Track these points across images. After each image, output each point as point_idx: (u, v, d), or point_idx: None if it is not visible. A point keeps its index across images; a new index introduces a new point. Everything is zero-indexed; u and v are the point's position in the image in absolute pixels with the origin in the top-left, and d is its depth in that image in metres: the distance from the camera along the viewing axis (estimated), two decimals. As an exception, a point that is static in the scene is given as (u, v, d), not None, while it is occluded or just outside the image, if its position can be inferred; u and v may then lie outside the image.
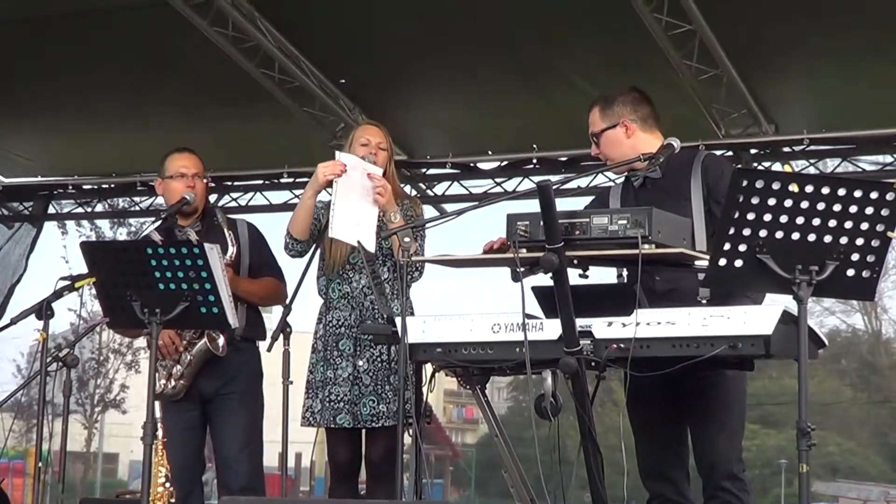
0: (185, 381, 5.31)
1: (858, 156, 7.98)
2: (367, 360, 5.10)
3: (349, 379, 5.09)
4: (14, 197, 9.91)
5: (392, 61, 7.69)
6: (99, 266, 4.67)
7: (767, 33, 6.91)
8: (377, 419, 5.05)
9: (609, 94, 4.65)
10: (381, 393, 5.07)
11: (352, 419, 5.08)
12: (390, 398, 5.03)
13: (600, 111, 4.60)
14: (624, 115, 4.55)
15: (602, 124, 4.58)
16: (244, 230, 5.53)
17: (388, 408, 5.04)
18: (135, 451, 28.73)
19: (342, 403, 5.09)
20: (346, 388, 5.09)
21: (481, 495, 36.37)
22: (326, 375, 5.13)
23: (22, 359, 28.91)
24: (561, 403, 4.03)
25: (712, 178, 4.39)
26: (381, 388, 5.08)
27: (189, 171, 5.48)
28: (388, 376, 5.06)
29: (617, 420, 4.58)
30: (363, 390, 5.08)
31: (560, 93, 7.62)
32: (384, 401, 5.06)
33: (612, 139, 4.56)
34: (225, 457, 5.35)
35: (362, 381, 5.09)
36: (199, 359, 5.27)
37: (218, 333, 5.17)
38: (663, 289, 4.28)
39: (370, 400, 5.07)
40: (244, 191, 9.29)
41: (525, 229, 3.97)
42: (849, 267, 3.65)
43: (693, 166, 4.44)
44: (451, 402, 47.40)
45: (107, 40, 7.67)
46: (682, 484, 4.43)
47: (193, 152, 5.62)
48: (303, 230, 5.19)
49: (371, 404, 5.07)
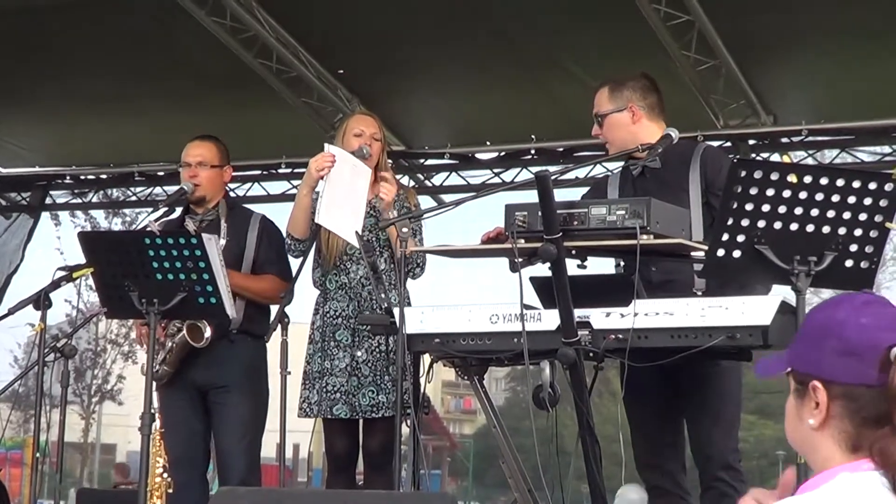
0: (169, 368, 5.27)
1: (857, 146, 7.97)
2: (366, 350, 5.08)
3: (346, 370, 5.08)
4: (12, 187, 9.91)
5: (390, 52, 7.68)
6: (97, 256, 4.66)
7: (766, 24, 6.90)
8: (377, 410, 5.05)
9: (620, 77, 4.61)
10: (381, 384, 5.06)
11: (349, 410, 5.07)
12: (389, 389, 5.02)
13: (609, 93, 4.55)
14: (633, 100, 4.52)
15: (609, 106, 4.53)
16: (255, 224, 5.46)
17: (387, 398, 5.03)
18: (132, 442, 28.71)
19: (339, 394, 5.08)
20: (343, 378, 5.08)
21: (479, 486, 36.37)
22: (324, 366, 5.12)
23: (19, 349, 28.86)
24: (559, 394, 4.03)
25: (711, 171, 4.38)
26: (380, 379, 5.06)
27: (193, 161, 5.47)
28: (387, 367, 5.04)
29: (614, 410, 4.59)
30: (362, 381, 5.06)
31: (558, 83, 7.61)
32: (383, 391, 5.05)
33: (617, 122, 4.52)
34: (221, 450, 5.33)
35: (361, 372, 5.07)
36: (181, 347, 5.22)
37: (204, 325, 5.09)
38: (660, 279, 4.28)
39: (370, 390, 5.06)
40: (242, 181, 9.27)
41: (523, 219, 3.97)
42: (847, 257, 3.64)
43: (692, 158, 4.43)
44: (449, 392, 47.41)
45: (105, 31, 7.66)
46: (679, 475, 4.43)
47: (209, 139, 5.62)
48: (303, 230, 5.15)
49: (371, 395, 5.06)
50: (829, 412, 1.87)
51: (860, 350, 1.84)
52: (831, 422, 1.88)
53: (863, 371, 1.84)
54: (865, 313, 1.87)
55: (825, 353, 1.88)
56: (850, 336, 1.85)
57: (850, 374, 1.85)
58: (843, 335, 1.86)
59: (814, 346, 1.90)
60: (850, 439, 1.86)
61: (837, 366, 1.86)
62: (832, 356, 1.87)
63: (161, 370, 5.25)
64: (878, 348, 1.83)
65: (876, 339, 1.84)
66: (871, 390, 1.82)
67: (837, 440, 1.87)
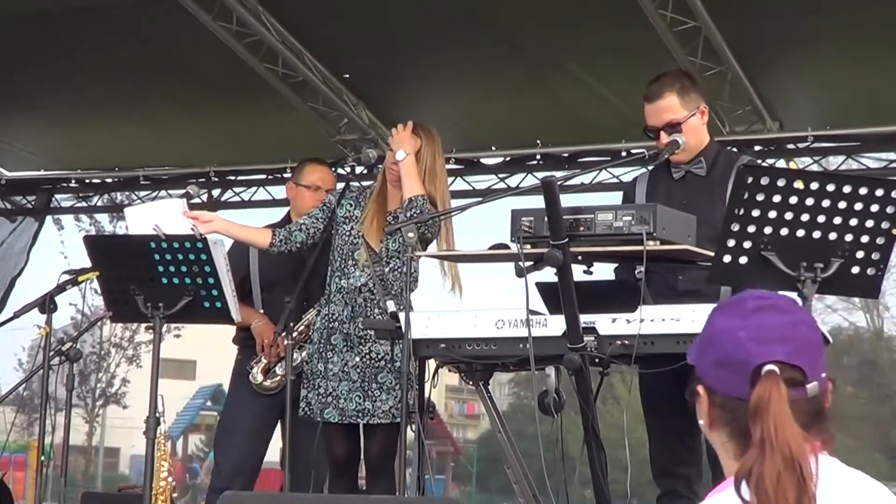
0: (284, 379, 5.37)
1: (863, 153, 7.96)
2: (360, 355, 5.03)
3: (338, 374, 5.05)
4: (17, 190, 9.91)
5: (396, 56, 7.68)
6: (102, 260, 4.66)
7: (772, 30, 6.89)
8: (362, 416, 5.00)
9: (679, 79, 4.50)
10: (368, 390, 4.99)
11: (338, 414, 5.04)
12: (377, 396, 4.97)
13: (679, 97, 4.43)
14: (700, 101, 4.46)
15: (684, 111, 4.42)
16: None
17: (373, 405, 4.97)
18: (136, 446, 28.72)
19: (330, 398, 5.05)
20: (334, 382, 5.04)
21: (482, 491, 36.33)
22: (318, 368, 5.10)
23: (23, 352, 28.88)
24: (564, 400, 4.02)
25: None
26: (367, 385, 4.99)
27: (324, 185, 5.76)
28: (376, 374, 4.98)
29: (619, 416, 4.58)
30: (351, 386, 5.01)
31: (564, 88, 7.61)
32: (370, 398, 4.99)
33: (695, 126, 4.43)
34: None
35: (350, 377, 5.02)
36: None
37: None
38: (686, 288, 4.25)
39: (356, 395, 5.00)
40: (247, 186, 9.27)
41: (529, 225, 3.96)
42: (854, 264, 3.64)
43: (733, 170, 4.36)
44: (453, 397, 47.36)
45: (111, 35, 7.66)
46: (695, 481, 4.41)
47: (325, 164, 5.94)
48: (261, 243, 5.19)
49: (357, 399, 4.99)
50: (712, 418, 1.88)
51: (734, 365, 1.83)
52: (717, 426, 1.88)
53: (737, 385, 1.83)
54: (748, 324, 1.85)
55: (708, 363, 1.88)
56: (727, 349, 1.84)
57: (727, 386, 1.85)
58: (722, 348, 1.85)
59: (702, 353, 1.90)
60: (732, 447, 1.86)
61: (717, 376, 1.86)
62: (712, 366, 1.87)
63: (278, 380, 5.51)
64: (749, 364, 1.81)
65: (749, 355, 1.82)
66: (746, 404, 1.80)
67: (724, 446, 1.88)
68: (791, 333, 1.84)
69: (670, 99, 4.41)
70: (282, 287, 5.44)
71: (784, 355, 1.81)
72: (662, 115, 4.43)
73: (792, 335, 1.84)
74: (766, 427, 1.75)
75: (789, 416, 1.76)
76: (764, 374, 1.79)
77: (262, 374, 5.51)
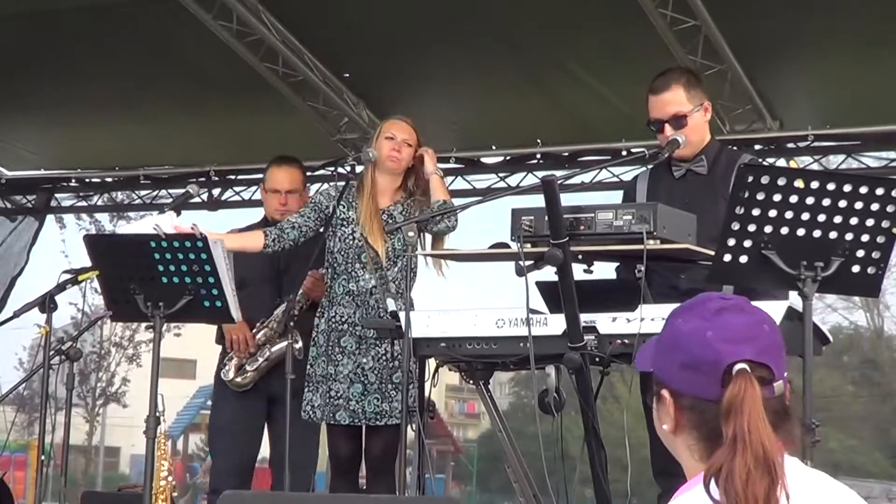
0: (257, 374, 5.44)
1: (863, 152, 7.96)
2: (373, 357, 5.06)
3: (349, 376, 5.06)
4: (17, 190, 9.91)
5: (396, 56, 7.68)
6: (102, 259, 4.66)
7: (772, 29, 6.89)
8: (380, 417, 5.03)
9: (686, 74, 4.48)
10: (385, 391, 5.04)
11: (350, 416, 5.05)
12: (393, 396, 5.01)
13: (686, 90, 4.41)
14: (704, 98, 4.45)
15: (690, 105, 4.40)
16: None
17: (390, 406, 5.02)
18: (136, 445, 28.73)
19: (341, 400, 5.06)
20: (346, 384, 5.06)
21: (482, 490, 36.34)
22: (327, 371, 5.11)
23: (23, 352, 28.90)
24: (564, 399, 4.02)
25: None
26: (385, 387, 5.04)
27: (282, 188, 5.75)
28: (391, 374, 5.03)
29: (619, 415, 4.58)
30: (368, 388, 5.04)
31: (564, 88, 7.60)
32: (387, 399, 5.03)
33: (698, 122, 4.41)
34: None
35: (367, 379, 5.05)
36: (278, 357, 5.36)
37: (297, 338, 5.16)
38: (687, 287, 4.24)
39: (374, 398, 5.04)
40: (247, 185, 9.27)
41: (530, 224, 3.96)
42: (854, 263, 3.64)
43: (734, 169, 4.35)
44: (453, 396, 47.37)
45: (111, 34, 7.66)
46: None
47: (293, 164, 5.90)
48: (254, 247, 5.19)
49: (375, 402, 5.03)
50: (678, 421, 1.88)
51: (703, 366, 1.82)
52: (683, 430, 1.88)
53: (707, 386, 1.82)
54: (714, 325, 1.84)
55: (673, 366, 1.87)
56: (695, 351, 1.84)
57: (696, 388, 1.84)
58: (689, 349, 1.84)
59: (665, 357, 1.89)
60: (699, 449, 1.85)
61: (684, 379, 1.85)
62: (679, 369, 1.86)
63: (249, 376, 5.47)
64: (720, 364, 1.81)
65: (718, 355, 1.81)
66: (716, 404, 1.80)
67: (690, 448, 1.88)
68: (757, 332, 1.85)
69: (677, 91, 4.40)
70: (252, 286, 5.48)
71: (753, 354, 1.81)
72: (668, 107, 4.42)
73: (758, 334, 1.84)
74: (739, 425, 1.75)
75: (763, 414, 1.76)
76: (736, 372, 1.79)
77: (234, 370, 5.49)
